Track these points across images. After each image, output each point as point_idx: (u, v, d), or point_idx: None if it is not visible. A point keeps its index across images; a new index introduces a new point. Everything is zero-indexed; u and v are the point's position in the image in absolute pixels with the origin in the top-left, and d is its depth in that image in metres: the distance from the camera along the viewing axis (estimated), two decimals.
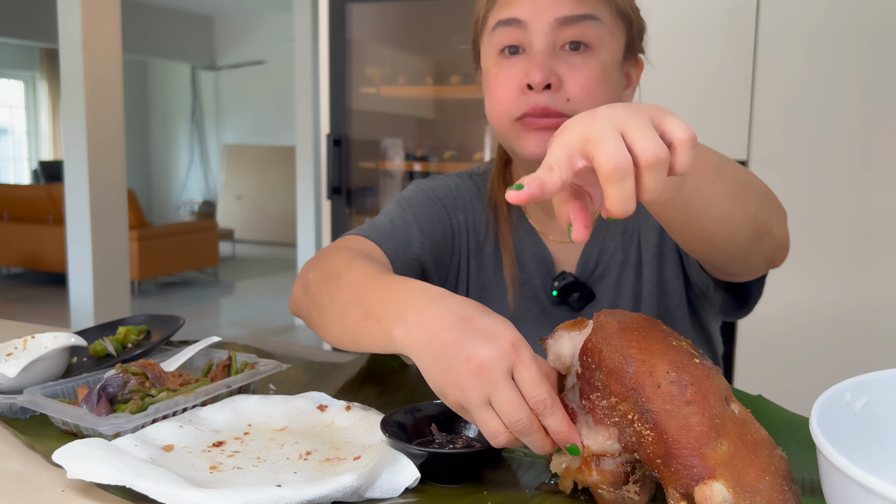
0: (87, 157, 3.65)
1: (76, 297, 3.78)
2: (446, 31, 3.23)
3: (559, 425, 0.61)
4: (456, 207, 1.08)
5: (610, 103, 0.84)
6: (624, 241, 1.04)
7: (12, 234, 6.68)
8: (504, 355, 0.61)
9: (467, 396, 0.62)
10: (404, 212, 1.04)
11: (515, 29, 0.91)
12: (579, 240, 0.56)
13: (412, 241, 1.01)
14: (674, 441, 0.55)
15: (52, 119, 9.50)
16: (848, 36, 1.98)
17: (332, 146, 2.90)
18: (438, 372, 0.63)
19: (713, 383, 0.58)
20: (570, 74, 0.90)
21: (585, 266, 1.04)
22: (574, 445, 0.61)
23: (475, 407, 0.62)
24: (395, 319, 0.68)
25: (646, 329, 0.61)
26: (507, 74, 0.92)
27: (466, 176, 1.12)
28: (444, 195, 1.08)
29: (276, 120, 9.33)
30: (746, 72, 2.07)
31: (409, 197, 1.07)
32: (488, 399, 0.61)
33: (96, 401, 0.78)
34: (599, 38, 0.91)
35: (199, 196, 10.08)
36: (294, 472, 0.68)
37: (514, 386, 0.61)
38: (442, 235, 1.05)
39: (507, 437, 0.62)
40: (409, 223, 1.02)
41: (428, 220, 1.04)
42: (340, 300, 0.78)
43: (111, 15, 3.71)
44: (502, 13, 0.92)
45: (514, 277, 1.04)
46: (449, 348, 0.63)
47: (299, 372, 1.03)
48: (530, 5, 0.90)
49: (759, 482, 0.53)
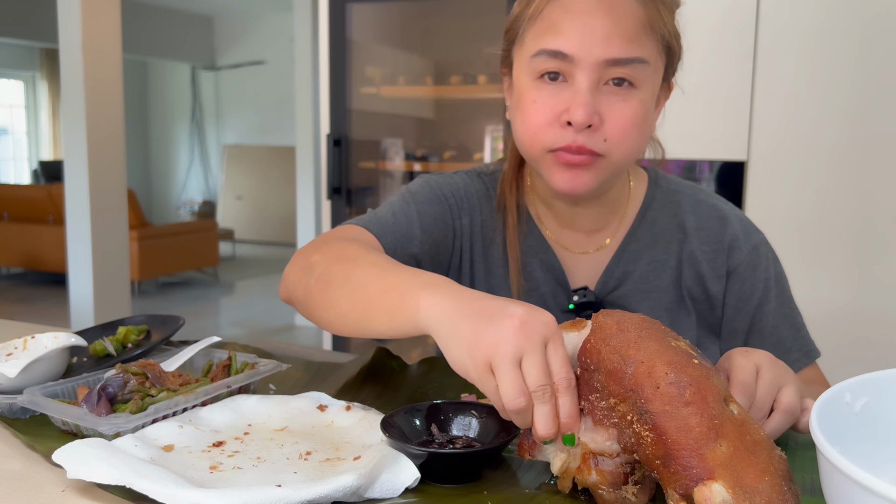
0: (87, 157, 3.65)
1: (76, 297, 3.78)
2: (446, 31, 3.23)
3: (571, 408, 0.63)
4: (462, 209, 1.05)
5: (640, 144, 0.92)
6: (648, 272, 1.02)
7: (12, 234, 6.68)
8: (547, 324, 0.64)
9: (502, 350, 0.62)
10: (408, 207, 1.01)
11: (560, 61, 0.87)
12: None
13: (412, 237, 0.98)
14: (673, 442, 0.55)
15: (52, 119, 9.50)
16: (848, 36, 1.98)
17: (332, 146, 2.90)
18: (474, 329, 0.64)
19: (712, 384, 0.58)
20: (611, 114, 0.87)
21: (606, 284, 1.02)
22: (572, 435, 0.63)
23: (507, 362, 0.62)
24: (425, 290, 0.70)
25: (644, 329, 0.61)
26: (546, 103, 0.88)
27: (475, 175, 1.09)
28: (451, 194, 1.05)
29: (276, 120, 9.33)
30: (746, 72, 2.07)
31: (416, 192, 1.04)
32: (520, 358, 0.62)
33: (96, 401, 0.78)
34: (644, 78, 0.88)
35: (199, 196, 10.08)
36: (294, 472, 0.68)
37: (546, 355, 0.63)
38: (443, 236, 1.02)
39: (527, 400, 0.62)
40: (412, 219, 0.99)
41: (431, 219, 1.01)
42: (356, 277, 0.78)
43: (111, 15, 3.71)
44: (548, 41, 0.87)
45: (520, 286, 1.03)
46: (489, 308, 0.65)
47: (299, 372, 1.03)
48: (579, 39, 0.85)
49: (759, 483, 0.53)
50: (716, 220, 1.03)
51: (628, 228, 1.03)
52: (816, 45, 2.01)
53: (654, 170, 1.08)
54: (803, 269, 2.06)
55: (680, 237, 1.02)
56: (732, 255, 1.01)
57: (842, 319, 2.04)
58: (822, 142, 2.03)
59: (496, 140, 3.10)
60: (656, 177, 1.06)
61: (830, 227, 2.04)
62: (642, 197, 1.04)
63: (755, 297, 1.01)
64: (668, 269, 1.02)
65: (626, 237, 1.02)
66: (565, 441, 0.63)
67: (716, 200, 1.05)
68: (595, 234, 1.03)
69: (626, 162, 0.91)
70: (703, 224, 1.03)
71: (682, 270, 1.02)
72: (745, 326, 1.02)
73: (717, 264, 1.01)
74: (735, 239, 1.02)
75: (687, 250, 1.02)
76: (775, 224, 2.07)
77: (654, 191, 1.05)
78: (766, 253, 1.03)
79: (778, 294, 1.02)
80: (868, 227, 2.01)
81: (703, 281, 1.02)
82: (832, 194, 2.03)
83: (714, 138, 2.11)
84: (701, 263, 1.02)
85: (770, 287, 1.02)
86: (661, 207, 1.04)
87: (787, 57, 2.03)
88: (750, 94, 2.07)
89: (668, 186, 1.05)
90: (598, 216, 1.02)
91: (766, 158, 2.08)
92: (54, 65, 9.06)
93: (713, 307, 1.03)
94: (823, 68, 2.01)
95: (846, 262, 2.03)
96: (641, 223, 1.03)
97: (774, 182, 2.08)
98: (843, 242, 2.03)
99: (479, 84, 3.01)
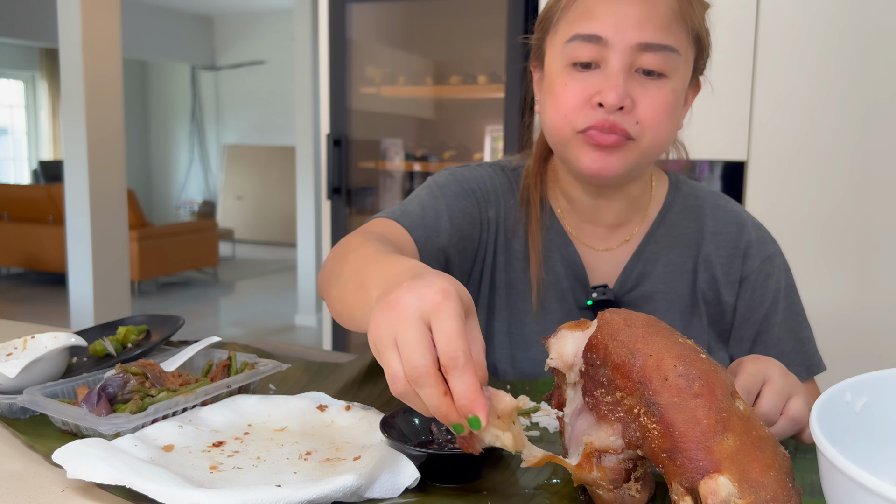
0: (87, 157, 3.65)
1: (76, 297, 3.78)
2: (446, 31, 3.23)
3: (465, 389, 0.56)
4: (488, 202, 1.05)
5: (671, 132, 0.93)
6: (665, 275, 1.02)
7: (12, 234, 6.67)
8: (422, 297, 0.58)
9: (378, 333, 0.59)
10: (437, 200, 1.00)
11: (594, 45, 0.88)
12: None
13: (441, 231, 0.98)
14: (680, 434, 0.55)
15: (52, 119, 9.50)
16: (848, 36, 1.98)
17: (332, 146, 2.90)
18: (375, 313, 0.61)
19: (720, 378, 0.58)
20: (644, 99, 0.88)
21: (624, 283, 1.02)
22: (475, 417, 0.56)
23: (383, 345, 0.58)
24: (377, 287, 0.67)
25: (651, 325, 0.61)
26: (579, 86, 0.90)
27: (499, 168, 1.09)
28: (477, 187, 1.05)
29: (276, 120, 9.32)
30: (746, 72, 2.07)
31: (444, 185, 1.03)
32: (395, 339, 0.57)
33: (96, 401, 0.78)
34: (675, 68, 0.89)
35: (199, 196, 10.08)
36: (294, 472, 0.68)
37: (426, 331, 0.57)
38: (470, 230, 1.02)
39: (404, 384, 0.57)
40: (441, 213, 0.99)
41: (459, 212, 1.01)
42: (344, 275, 0.78)
43: (111, 15, 3.71)
44: (582, 26, 0.89)
45: (540, 279, 1.03)
46: (391, 291, 0.61)
47: (299, 372, 1.03)
48: (613, 23, 0.87)
49: (764, 477, 0.53)
50: (734, 225, 1.03)
51: (648, 229, 1.03)
52: (816, 45, 2.01)
53: (676, 174, 1.09)
54: (803, 268, 2.06)
55: (698, 241, 1.03)
56: (747, 261, 1.02)
57: (842, 319, 2.04)
58: (822, 142, 2.03)
59: (496, 140, 3.10)
60: (677, 181, 1.07)
61: (830, 226, 2.04)
62: (663, 199, 1.05)
63: (764, 307, 1.02)
64: (685, 272, 1.03)
65: (646, 238, 1.03)
66: (470, 424, 0.56)
67: (735, 206, 1.06)
68: (616, 229, 1.03)
69: (655, 149, 0.92)
70: (720, 228, 1.03)
71: (698, 274, 1.02)
72: (752, 335, 1.02)
73: (732, 269, 1.02)
74: (750, 246, 1.02)
75: (703, 254, 1.02)
76: (775, 224, 2.06)
77: (674, 194, 1.05)
78: (779, 264, 1.03)
79: (786, 307, 1.03)
80: (868, 227, 2.01)
81: (717, 285, 1.02)
82: (832, 194, 2.03)
83: (714, 138, 2.11)
84: (716, 267, 1.02)
85: (779, 299, 1.02)
86: (682, 211, 1.05)
87: (787, 57, 2.03)
88: (750, 94, 2.07)
89: (688, 191, 1.06)
90: (619, 211, 1.02)
91: (766, 158, 2.08)
92: (54, 65, 9.06)
93: (724, 313, 1.03)
94: (823, 68, 2.01)
95: (846, 262, 2.04)
96: (661, 225, 1.04)
97: (774, 182, 2.08)
98: (843, 242, 2.03)
99: (479, 84, 3.01)
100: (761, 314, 1.02)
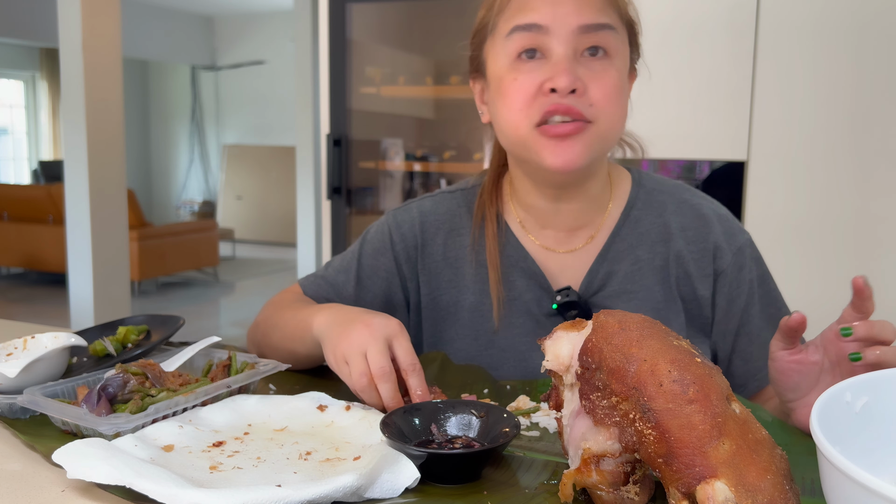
0: (87, 157, 3.65)
1: (76, 297, 3.78)
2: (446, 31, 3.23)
3: (418, 385, 0.83)
4: (416, 247, 1.08)
5: (623, 114, 0.95)
6: (634, 273, 1.02)
7: (12, 234, 6.68)
8: (387, 325, 0.85)
9: (352, 345, 0.84)
10: (351, 262, 1.10)
11: (535, 34, 0.90)
12: None
13: (346, 297, 1.09)
14: (676, 440, 0.55)
15: (52, 119, 9.50)
16: (848, 36, 1.98)
17: (332, 146, 2.90)
18: (339, 332, 0.87)
19: (715, 382, 0.58)
20: (593, 81, 0.90)
21: (590, 284, 1.02)
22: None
23: (354, 353, 0.83)
24: (316, 313, 0.94)
25: (646, 328, 0.61)
26: (528, 77, 0.90)
27: (451, 192, 1.10)
28: (399, 239, 1.08)
29: (276, 120, 9.32)
30: (746, 72, 2.07)
31: (370, 240, 1.11)
32: (365, 351, 0.83)
33: (96, 401, 0.78)
34: (616, 46, 0.91)
35: (199, 196, 10.08)
36: (294, 472, 0.68)
37: (388, 347, 0.84)
38: (386, 286, 1.09)
39: (369, 380, 0.82)
40: (349, 279, 1.10)
41: (371, 272, 1.09)
42: (281, 323, 1.03)
43: (111, 15, 3.71)
44: (519, 18, 0.91)
45: (500, 295, 1.02)
46: (352, 319, 0.87)
47: (299, 372, 1.03)
48: (551, 11, 0.89)
49: (761, 481, 0.53)
50: (700, 219, 1.02)
51: (612, 228, 1.03)
52: (816, 45, 2.01)
53: (638, 170, 1.08)
54: (803, 268, 2.06)
55: (665, 237, 1.02)
56: (719, 256, 1.01)
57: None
58: (822, 142, 2.03)
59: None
60: (640, 177, 1.06)
61: (830, 226, 2.04)
62: (626, 197, 1.04)
63: (741, 299, 1.01)
64: (653, 269, 1.02)
65: (611, 237, 1.02)
66: None
67: (700, 200, 1.05)
68: (577, 231, 1.02)
69: (611, 133, 0.92)
70: (687, 224, 1.02)
71: (670, 270, 1.02)
72: (734, 328, 1.02)
73: (704, 264, 1.01)
74: (719, 241, 1.01)
75: (674, 251, 1.02)
76: (775, 224, 2.07)
77: (637, 190, 1.04)
78: (750, 254, 1.02)
79: (763, 295, 1.02)
80: (868, 227, 2.01)
81: (692, 280, 1.01)
82: (832, 194, 2.03)
83: (714, 138, 2.11)
84: (688, 263, 1.01)
85: (754, 289, 1.02)
86: (646, 207, 1.03)
87: (787, 57, 2.03)
88: (750, 94, 2.07)
89: (652, 186, 1.05)
90: (579, 212, 1.01)
91: (766, 158, 2.08)
92: (54, 65, 9.06)
93: (702, 307, 1.02)
94: (823, 68, 2.01)
95: (846, 262, 2.04)
96: (625, 223, 1.03)
97: (774, 182, 2.08)
98: (843, 242, 2.03)
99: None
100: (740, 306, 1.01)
